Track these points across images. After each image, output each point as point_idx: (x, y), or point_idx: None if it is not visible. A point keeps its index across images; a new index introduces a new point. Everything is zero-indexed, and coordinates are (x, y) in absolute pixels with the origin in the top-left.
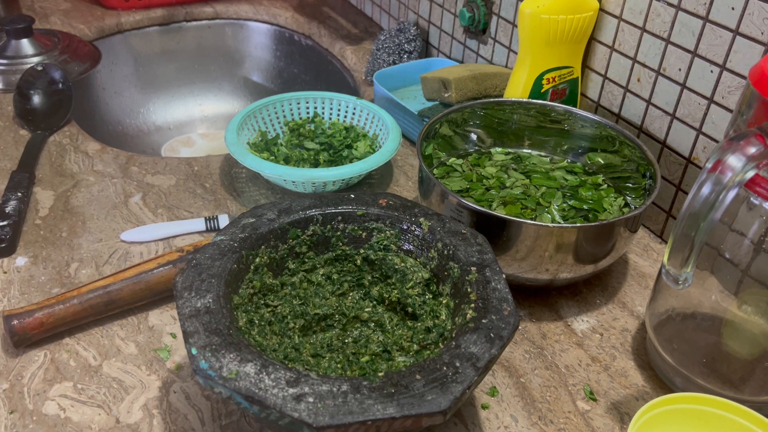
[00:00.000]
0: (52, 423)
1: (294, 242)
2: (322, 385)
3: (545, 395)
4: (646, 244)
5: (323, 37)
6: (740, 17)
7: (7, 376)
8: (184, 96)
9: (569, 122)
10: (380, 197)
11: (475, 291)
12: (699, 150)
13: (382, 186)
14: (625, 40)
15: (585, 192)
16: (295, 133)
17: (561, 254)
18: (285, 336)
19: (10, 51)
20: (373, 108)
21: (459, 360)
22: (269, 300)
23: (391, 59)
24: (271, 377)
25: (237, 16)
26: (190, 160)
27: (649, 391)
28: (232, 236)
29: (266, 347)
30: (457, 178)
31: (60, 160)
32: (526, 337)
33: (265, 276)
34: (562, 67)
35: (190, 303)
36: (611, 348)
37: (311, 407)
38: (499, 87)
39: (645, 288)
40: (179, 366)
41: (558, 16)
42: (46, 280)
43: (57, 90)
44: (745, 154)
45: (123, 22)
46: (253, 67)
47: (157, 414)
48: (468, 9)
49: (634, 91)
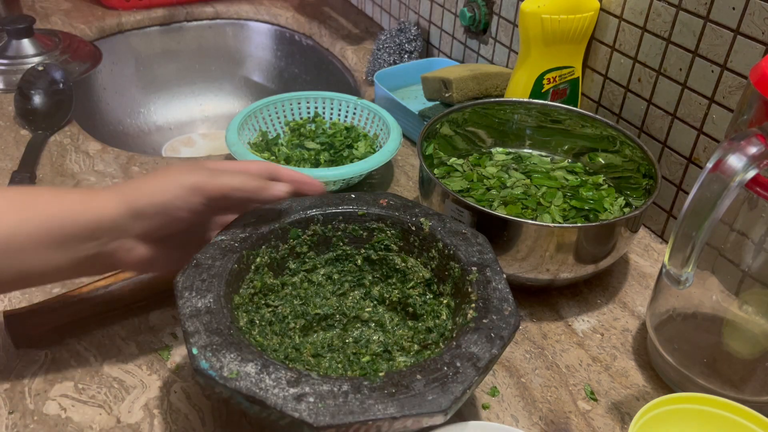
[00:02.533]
0: (52, 423)
1: (295, 242)
2: (322, 385)
3: (546, 395)
4: (646, 244)
5: (324, 37)
6: (741, 17)
7: (7, 375)
8: (185, 96)
9: (570, 122)
10: (381, 197)
11: (475, 291)
12: (700, 150)
13: (382, 186)
14: (626, 40)
15: (586, 192)
16: (296, 133)
17: (562, 254)
18: (285, 336)
19: (11, 51)
20: (374, 108)
21: (460, 360)
22: (270, 300)
23: (391, 59)
24: (272, 377)
25: (238, 16)
26: (191, 160)
27: (650, 391)
28: (232, 236)
29: (267, 347)
30: (458, 178)
31: (61, 160)
32: (527, 337)
33: (265, 276)
34: (562, 67)
35: (191, 303)
36: (612, 348)
37: (312, 407)
38: (500, 87)
39: (646, 288)
40: (180, 366)
41: (559, 16)
42: None
43: (58, 90)
44: (746, 154)
45: (124, 22)
46: (253, 67)
47: (158, 414)
48: (469, 9)
49: (635, 91)
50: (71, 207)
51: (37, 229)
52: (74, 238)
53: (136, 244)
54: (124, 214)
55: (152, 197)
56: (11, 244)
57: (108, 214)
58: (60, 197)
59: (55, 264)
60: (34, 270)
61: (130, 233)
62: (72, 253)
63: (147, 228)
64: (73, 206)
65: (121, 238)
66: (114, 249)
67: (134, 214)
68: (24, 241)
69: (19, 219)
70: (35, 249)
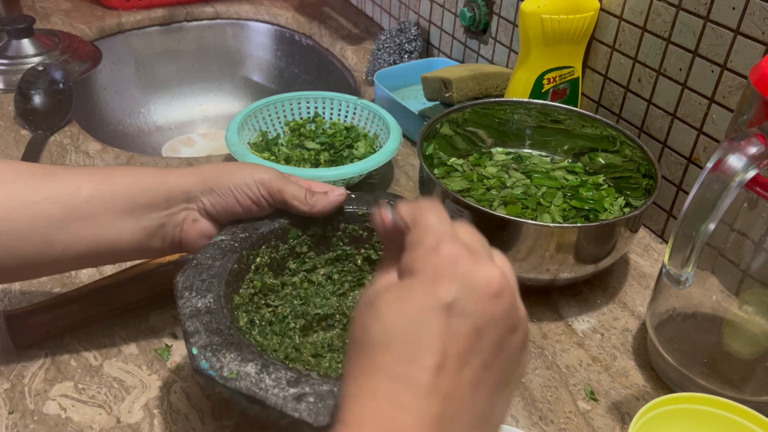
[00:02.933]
0: (52, 423)
1: (295, 242)
2: (322, 385)
3: (546, 395)
4: (646, 244)
5: (324, 37)
6: (741, 17)
7: (7, 375)
8: (185, 96)
9: (570, 122)
10: (381, 197)
11: None
12: (700, 150)
13: (382, 186)
14: (626, 40)
15: (586, 192)
16: (296, 133)
17: (562, 254)
18: (286, 336)
19: (11, 51)
20: (374, 108)
21: None
22: (270, 300)
23: (391, 59)
24: (272, 377)
25: (238, 16)
26: (191, 160)
27: (650, 391)
28: (232, 236)
29: (267, 347)
30: (458, 178)
31: (61, 160)
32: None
33: (265, 276)
34: (562, 66)
35: (191, 303)
36: (612, 348)
37: (312, 407)
38: (500, 87)
39: (646, 288)
40: (180, 366)
41: (559, 16)
42: (47, 280)
43: (58, 90)
44: (746, 154)
45: (124, 22)
46: (253, 67)
47: (158, 414)
48: (469, 9)
49: (635, 91)
50: (146, 179)
51: (113, 196)
52: (147, 207)
53: (201, 218)
54: (196, 186)
55: (224, 178)
56: (87, 212)
57: (182, 184)
58: (135, 171)
59: (126, 235)
60: (105, 240)
61: (199, 205)
62: (143, 222)
63: (214, 204)
64: (147, 178)
65: (190, 208)
66: (182, 219)
67: (206, 188)
68: (99, 208)
69: (95, 188)
70: (109, 217)
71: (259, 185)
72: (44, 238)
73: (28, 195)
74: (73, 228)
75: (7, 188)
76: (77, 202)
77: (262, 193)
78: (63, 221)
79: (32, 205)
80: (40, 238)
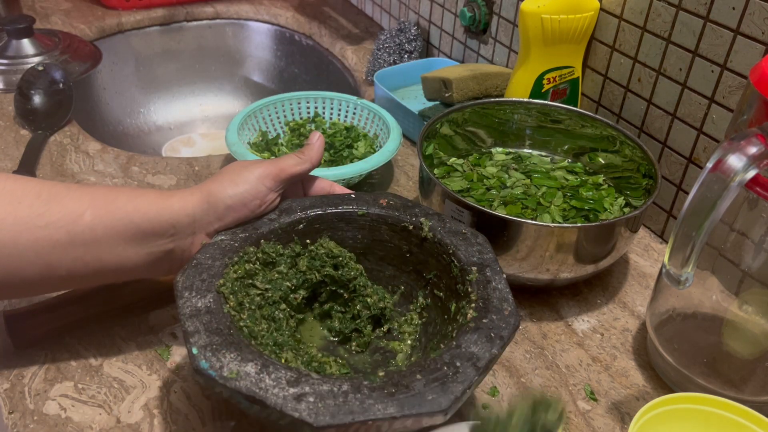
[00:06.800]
0: (52, 423)
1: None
2: (322, 385)
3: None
4: (646, 244)
5: (324, 37)
6: (741, 17)
7: (7, 375)
8: (185, 96)
9: (570, 122)
10: (381, 197)
11: (475, 291)
12: (700, 150)
13: (382, 186)
14: (626, 40)
15: (585, 192)
16: (296, 133)
17: (561, 254)
18: (274, 320)
19: (11, 51)
20: (374, 108)
21: (459, 360)
22: (257, 281)
23: (391, 59)
24: (272, 377)
25: (237, 16)
26: (191, 160)
27: (650, 391)
28: (232, 236)
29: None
30: (458, 178)
31: (61, 160)
32: (527, 337)
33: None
34: (562, 66)
35: (191, 303)
36: (612, 348)
37: (312, 407)
38: (500, 87)
39: (646, 288)
40: (180, 366)
41: (559, 16)
42: None
43: (58, 90)
44: (745, 154)
45: (124, 22)
46: (253, 67)
47: (158, 414)
48: (469, 9)
49: (635, 91)
50: (149, 206)
51: (115, 222)
52: (152, 234)
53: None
54: (200, 207)
55: (226, 190)
56: (90, 238)
57: (185, 209)
58: (138, 196)
59: (132, 260)
60: (110, 264)
61: (206, 228)
62: (149, 248)
63: (222, 219)
64: (150, 205)
65: (197, 232)
66: (190, 243)
67: (210, 207)
68: (102, 235)
69: (96, 214)
70: (113, 243)
71: (261, 180)
72: (48, 263)
73: (32, 219)
74: (78, 253)
75: (12, 209)
76: (80, 228)
77: (268, 185)
78: (67, 247)
79: (36, 230)
80: (44, 262)
